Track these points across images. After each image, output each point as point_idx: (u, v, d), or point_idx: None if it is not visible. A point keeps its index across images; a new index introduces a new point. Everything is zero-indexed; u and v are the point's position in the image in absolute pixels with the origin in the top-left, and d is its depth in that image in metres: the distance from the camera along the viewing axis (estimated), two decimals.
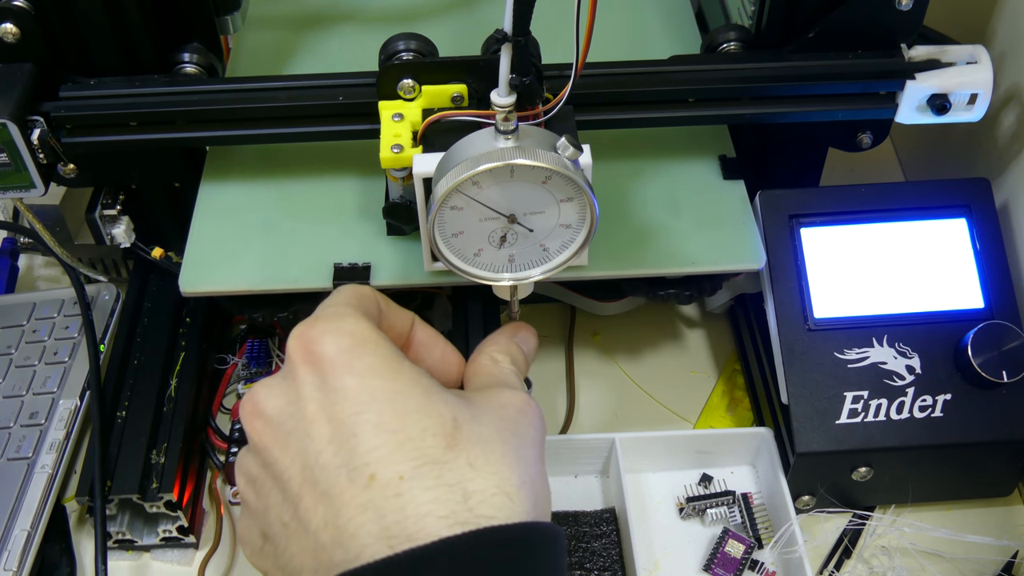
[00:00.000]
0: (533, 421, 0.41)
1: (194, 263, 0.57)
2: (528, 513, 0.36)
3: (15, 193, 0.56)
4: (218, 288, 0.57)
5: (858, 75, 0.57)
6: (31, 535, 0.56)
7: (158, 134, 0.57)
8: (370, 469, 0.35)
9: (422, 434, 0.36)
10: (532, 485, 0.37)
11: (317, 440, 0.36)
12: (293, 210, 0.60)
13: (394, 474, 0.35)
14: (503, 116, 0.45)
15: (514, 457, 0.37)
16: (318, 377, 0.37)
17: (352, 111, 0.56)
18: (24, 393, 0.63)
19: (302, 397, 0.38)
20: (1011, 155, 0.65)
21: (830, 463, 0.57)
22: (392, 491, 0.35)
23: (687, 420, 0.67)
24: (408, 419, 0.36)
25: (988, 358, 0.56)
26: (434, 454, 0.36)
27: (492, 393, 0.41)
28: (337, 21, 0.71)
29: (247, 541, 0.40)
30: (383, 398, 0.37)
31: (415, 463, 0.35)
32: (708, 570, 0.58)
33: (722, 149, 0.63)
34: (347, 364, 0.37)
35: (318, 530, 0.36)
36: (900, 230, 0.60)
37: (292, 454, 0.37)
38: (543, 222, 0.49)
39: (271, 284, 0.56)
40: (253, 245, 0.58)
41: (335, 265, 0.57)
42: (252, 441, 0.39)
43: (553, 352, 0.70)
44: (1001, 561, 0.58)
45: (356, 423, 0.36)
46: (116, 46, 0.57)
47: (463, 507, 0.34)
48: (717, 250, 0.58)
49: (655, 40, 0.70)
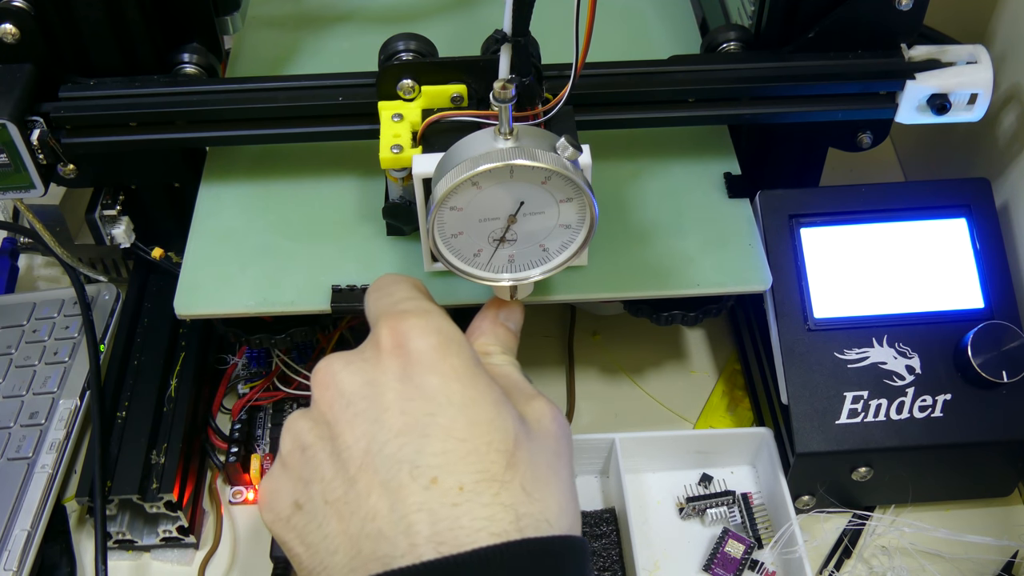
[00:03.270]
0: (564, 432, 0.41)
1: (189, 285, 0.56)
2: (563, 532, 0.37)
3: (15, 193, 0.56)
4: (214, 311, 0.55)
5: (858, 75, 0.57)
6: (31, 535, 0.56)
7: (158, 134, 0.57)
8: (433, 472, 0.36)
9: (487, 448, 0.37)
10: (567, 507, 0.38)
11: (387, 429, 0.37)
12: (290, 230, 0.59)
13: (455, 483, 0.35)
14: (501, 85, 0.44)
15: (556, 483, 0.38)
16: (402, 368, 0.38)
17: (352, 111, 0.56)
18: (24, 393, 0.63)
19: (382, 383, 0.38)
20: (1011, 155, 0.65)
21: (830, 463, 0.57)
22: (450, 499, 0.35)
23: (687, 420, 0.67)
24: (477, 429, 0.37)
25: (988, 358, 0.56)
26: (495, 471, 0.36)
27: (524, 407, 0.41)
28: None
29: (272, 506, 0.40)
30: (459, 403, 0.37)
31: (476, 476, 0.36)
32: (708, 570, 0.58)
33: (727, 166, 0.62)
34: (433, 363, 0.38)
35: (367, 518, 0.36)
36: (900, 230, 0.60)
37: (358, 435, 0.37)
38: (543, 222, 0.48)
39: (268, 307, 0.55)
40: (249, 267, 0.57)
41: (333, 287, 0.56)
42: (319, 410, 0.39)
43: (553, 352, 0.70)
44: (1001, 561, 0.58)
45: (428, 424, 0.37)
46: (116, 46, 0.57)
47: (514, 528, 0.35)
48: (722, 271, 0.57)
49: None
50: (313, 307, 0.55)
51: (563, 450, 0.41)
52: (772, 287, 0.58)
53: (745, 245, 0.58)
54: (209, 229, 0.59)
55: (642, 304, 0.59)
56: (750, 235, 0.58)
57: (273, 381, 0.65)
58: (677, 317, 0.59)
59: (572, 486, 0.40)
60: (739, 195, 0.60)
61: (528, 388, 0.44)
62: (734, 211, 0.60)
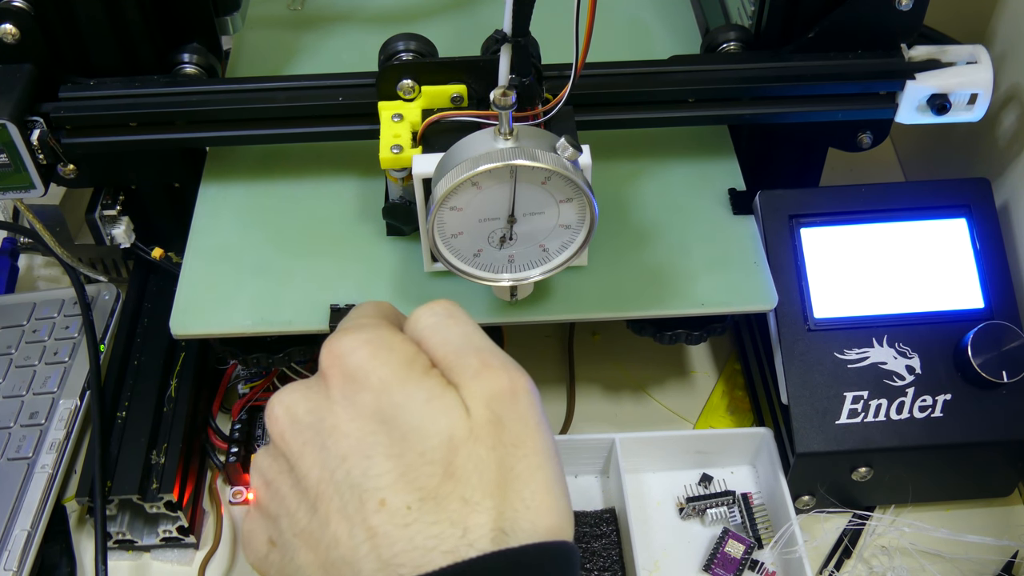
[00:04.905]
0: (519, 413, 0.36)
1: (185, 305, 0.55)
2: (530, 537, 0.34)
3: (15, 193, 0.56)
4: (211, 331, 0.55)
5: (858, 75, 0.57)
6: (31, 535, 0.56)
7: (158, 134, 0.57)
8: (380, 494, 0.34)
9: (420, 460, 0.35)
10: (533, 506, 0.35)
11: (333, 455, 0.36)
12: (288, 244, 0.58)
13: (402, 503, 0.34)
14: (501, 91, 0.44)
15: (509, 484, 0.35)
16: (339, 390, 0.37)
17: (352, 111, 0.56)
18: (24, 393, 0.63)
19: (323, 408, 0.37)
20: (1011, 155, 0.65)
21: (830, 463, 0.57)
22: (401, 520, 0.34)
23: (687, 420, 0.67)
24: (407, 442, 0.35)
25: (988, 358, 0.56)
26: (432, 486, 0.34)
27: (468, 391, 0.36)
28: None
29: (252, 547, 0.39)
30: (389, 416, 0.36)
31: (417, 495, 0.34)
32: (708, 570, 0.58)
33: (729, 172, 0.62)
34: (364, 378, 0.36)
35: (330, 545, 0.35)
36: (900, 230, 0.60)
37: (310, 463, 0.36)
38: (543, 222, 0.49)
39: (265, 327, 0.55)
40: (246, 285, 0.56)
41: (331, 306, 0.55)
42: (275, 444, 0.38)
43: (553, 352, 0.70)
44: (1001, 561, 0.58)
45: (371, 444, 0.35)
46: (116, 46, 0.57)
47: (463, 542, 0.34)
48: (727, 291, 0.56)
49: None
50: (311, 327, 0.54)
51: (519, 438, 0.36)
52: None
53: (750, 263, 0.57)
54: (205, 246, 0.58)
55: (645, 323, 0.59)
56: (755, 253, 0.58)
57: (273, 381, 0.65)
58: (681, 336, 0.58)
59: (542, 476, 0.36)
60: (744, 211, 0.60)
61: (469, 359, 0.37)
62: (739, 228, 0.59)
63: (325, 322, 0.54)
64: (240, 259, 0.58)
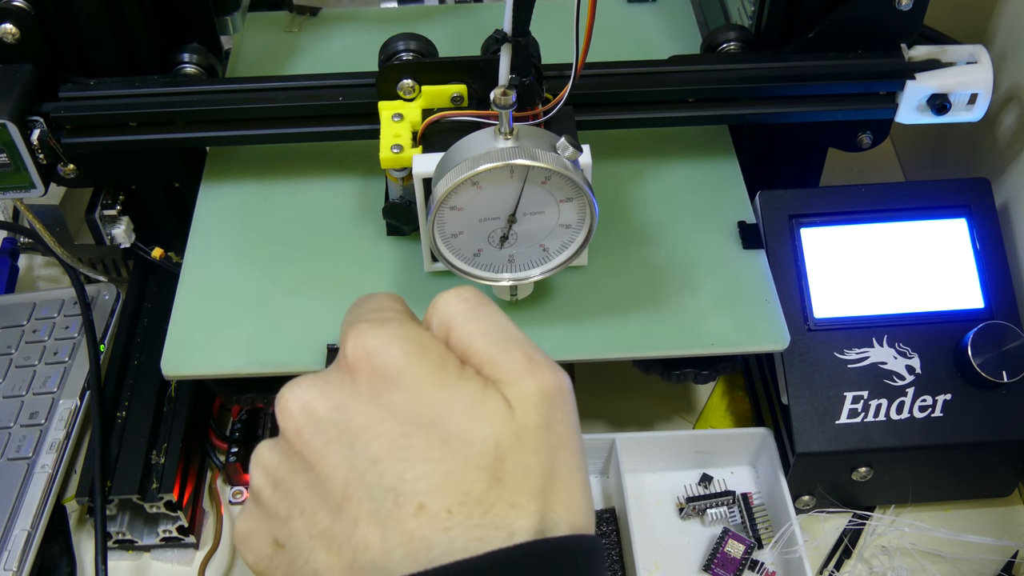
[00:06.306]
0: (559, 416, 0.36)
1: (177, 344, 0.54)
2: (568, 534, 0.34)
3: (15, 193, 0.56)
4: (203, 371, 0.53)
5: (858, 75, 0.57)
6: (31, 535, 0.56)
7: (158, 134, 0.57)
8: (419, 498, 0.33)
9: (465, 466, 0.34)
10: (572, 506, 0.35)
11: (363, 456, 0.34)
12: (283, 281, 0.56)
13: (442, 507, 0.33)
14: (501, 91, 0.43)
15: (552, 487, 0.35)
16: (368, 388, 0.35)
17: (352, 111, 0.56)
18: (24, 393, 0.63)
19: (350, 406, 0.35)
20: (1011, 155, 0.65)
21: (830, 463, 0.57)
22: (440, 524, 0.33)
23: (687, 420, 0.67)
24: (451, 447, 0.34)
25: (988, 358, 0.56)
26: (477, 493, 0.33)
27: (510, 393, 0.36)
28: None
29: (251, 547, 0.38)
30: (427, 421, 0.34)
31: (459, 499, 0.33)
32: (708, 570, 0.58)
33: (740, 214, 0.59)
34: (397, 378, 0.35)
35: (358, 548, 0.33)
36: (900, 230, 0.60)
37: (335, 464, 0.35)
38: (543, 222, 0.49)
39: (260, 367, 0.53)
40: (241, 324, 0.54)
41: (328, 346, 0.53)
42: (287, 441, 0.36)
43: None
44: (1001, 561, 0.58)
45: (405, 446, 0.34)
46: (116, 46, 0.57)
47: (508, 544, 0.33)
48: (738, 330, 0.54)
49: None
50: (307, 367, 0.52)
51: (562, 439, 0.35)
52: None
53: (761, 300, 0.55)
54: (198, 283, 0.56)
55: (652, 362, 0.57)
56: (765, 290, 0.56)
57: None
58: (689, 375, 0.57)
59: (579, 478, 0.36)
60: (754, 246, 0.58)
61: (513, 354, 0.36)
62: (749, 263, 0.57)
63: (322, 362, 0.53)
64: (234, 294, 0.56)
